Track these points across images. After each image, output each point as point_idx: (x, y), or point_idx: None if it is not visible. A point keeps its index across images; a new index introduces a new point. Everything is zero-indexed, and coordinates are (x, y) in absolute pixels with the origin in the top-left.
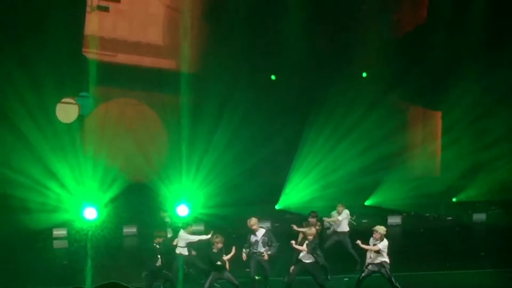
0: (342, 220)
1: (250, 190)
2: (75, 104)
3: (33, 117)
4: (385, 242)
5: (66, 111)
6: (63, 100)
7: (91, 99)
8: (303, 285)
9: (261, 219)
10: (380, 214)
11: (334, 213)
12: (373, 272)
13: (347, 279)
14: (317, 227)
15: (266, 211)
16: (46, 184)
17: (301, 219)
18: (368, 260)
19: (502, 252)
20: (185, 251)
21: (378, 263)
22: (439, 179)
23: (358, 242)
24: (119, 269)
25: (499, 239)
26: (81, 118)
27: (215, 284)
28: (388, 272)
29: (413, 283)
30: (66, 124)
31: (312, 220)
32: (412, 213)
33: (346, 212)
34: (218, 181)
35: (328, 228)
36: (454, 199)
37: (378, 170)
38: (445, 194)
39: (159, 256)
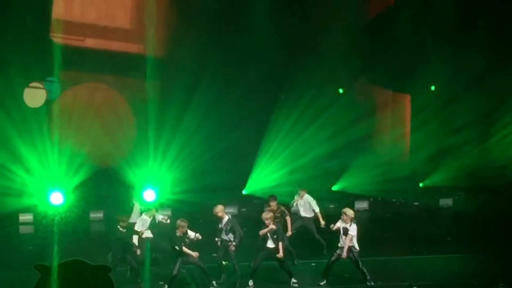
0: (304, 204)
1: (218, 176)
2: (42, 88)
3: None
4: (354, 226)
5: (34, 96)
6: (31, 84)
7: (58, 84)
8: (269, 271)
9: (228, 204)
10: (347, 199)
11: (296, 197)
12: (341, 256)
13: (314, 264)
14: (278, 213)
15: (234, 197)
16: (11, 168)
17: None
18: (340, 244)
19: (468, 237)
20: (150, 235)
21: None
22: (406, 164)
23: (332, 226)
24: (85, 254)
25: (466, 224)
26: (48, 103)
27: (182, 270)
28: (356, 256)
29: (380, 268)
30: (34, 109)
31: (272, 203)
32: (379, 198)
33: (308, 197)
34: (185, 166)
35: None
36: (421, 184)
37: (345, 155)
38: (412, 179)
39: (122, 241)
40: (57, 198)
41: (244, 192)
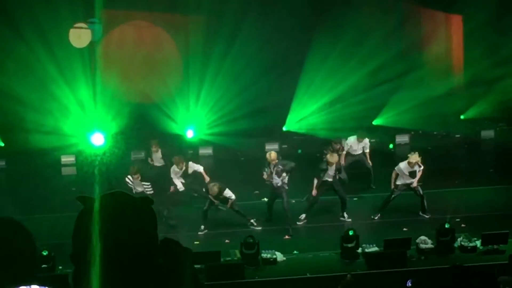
0: (360, 147)
1: (257, 114)
2: (87, 29)
3: (45, 42)
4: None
5: (79, 36)
6: (76, 25)
7: (100, 25)
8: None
9: (269, 140)
10: (388, 133)
11: (352, 138)
12: (412, 187)
13: (356, 199)
14: (340, 152)
15: (275, 133)
16: (53, 108)
17: (308, 140)
18: (400, 182)
19: (511, 168)
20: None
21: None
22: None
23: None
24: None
25: (507, 155)
26: (91, 44)
27: (220, 207)
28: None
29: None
30: (77, 50)
31: (336, 145)
32: (420, 131)
33: (366, 140)
34: (225, 104)
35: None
36: (462, 116)
37: (386, 89)
38: (453, 112)
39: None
40: (98, 139)
41: (284, 128)
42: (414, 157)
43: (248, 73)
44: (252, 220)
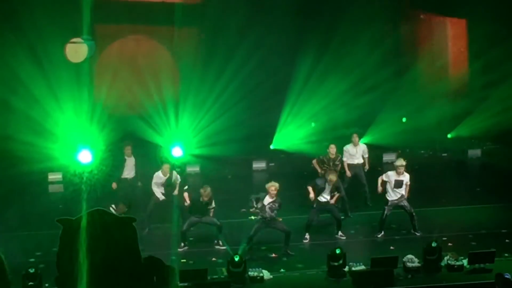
0: (357, 151)
1: (245, 130)
2: (83, 43)
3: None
4: (407, 175)
5: (75, 51)
6: (72, 40)
7: (93, 42)
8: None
9: (256, 159)
10: (375, 151)
11: (348, 146)
12: (401, 205)
13: (343, 217)
14: (337, 163)
15: (261, 151)
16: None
17: (295, 158)
18: (391, 197)
19: (498, 187)
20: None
21: (400, 198)
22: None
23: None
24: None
25: (494, 174)
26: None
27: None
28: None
29: (409, 219)
30: (65, 67)
31: (332, 151)
32: (407, 150)
33: (363, 145)
34: (213, 122)
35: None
36: (449, 135)
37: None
38: (440, 130)
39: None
40: (85, 157)
41: (271, 147)
42: (400, 161)
43: (236, 91)
44: (220, 241)
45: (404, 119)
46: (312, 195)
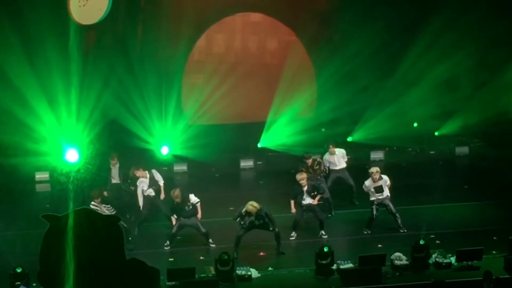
0: (337, 158)
1: (232, 130)
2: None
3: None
4: (385, 177)
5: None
6: None
7: None
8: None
9: (244, 157)
10: (362, 150)
11: (327, 155)
12: (384, 204)
13: (330, 215)
14: (316, 167)
15: (249, 150)
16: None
17: (283, 157)
18: (374, 199)
19: (485, 185)
20: (151, 192)
21: (384, 197)
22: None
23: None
24: None
25: (482, 172)
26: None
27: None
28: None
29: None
30: (54, 64)
31: (308, 161)
32: (395, 148)
33: (340, 151)
34: (199, 120)
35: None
36: (436, 133)
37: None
38: (427, 128)
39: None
40: (72, 156)
41: (259, 145)
42: (373, 169)
43: None
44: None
45: (415, 124)
46: (293, 210)
